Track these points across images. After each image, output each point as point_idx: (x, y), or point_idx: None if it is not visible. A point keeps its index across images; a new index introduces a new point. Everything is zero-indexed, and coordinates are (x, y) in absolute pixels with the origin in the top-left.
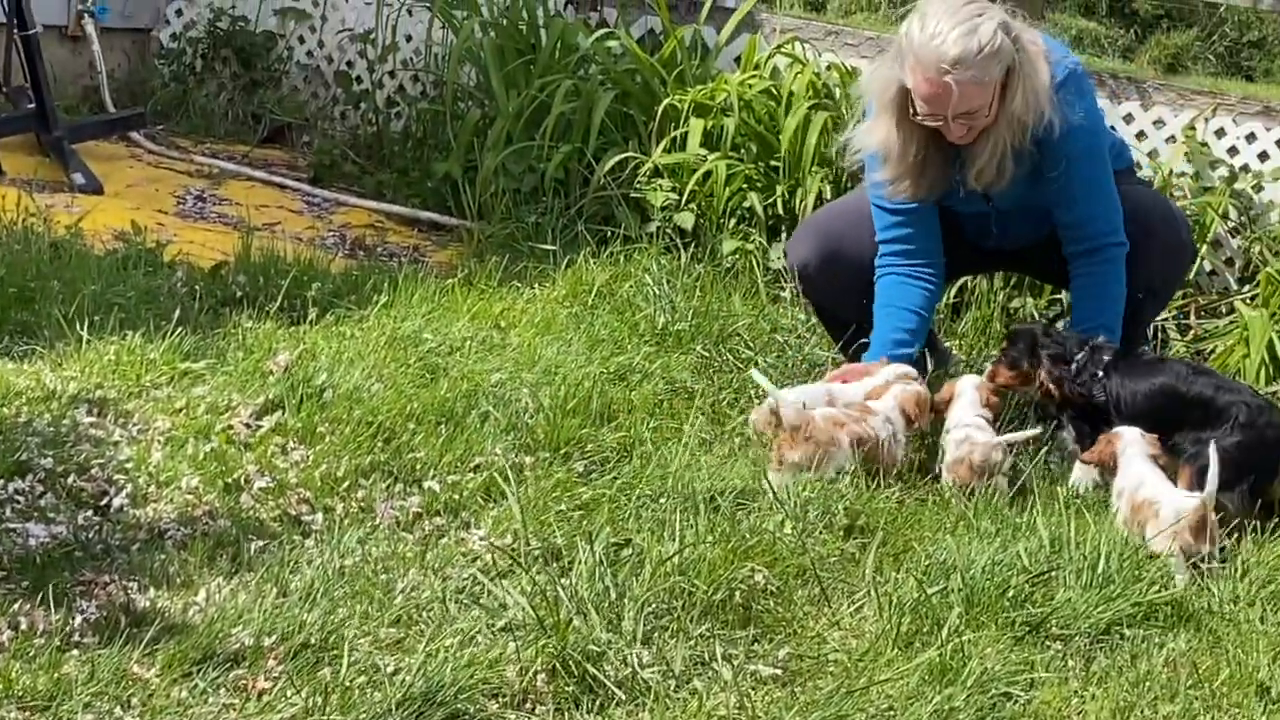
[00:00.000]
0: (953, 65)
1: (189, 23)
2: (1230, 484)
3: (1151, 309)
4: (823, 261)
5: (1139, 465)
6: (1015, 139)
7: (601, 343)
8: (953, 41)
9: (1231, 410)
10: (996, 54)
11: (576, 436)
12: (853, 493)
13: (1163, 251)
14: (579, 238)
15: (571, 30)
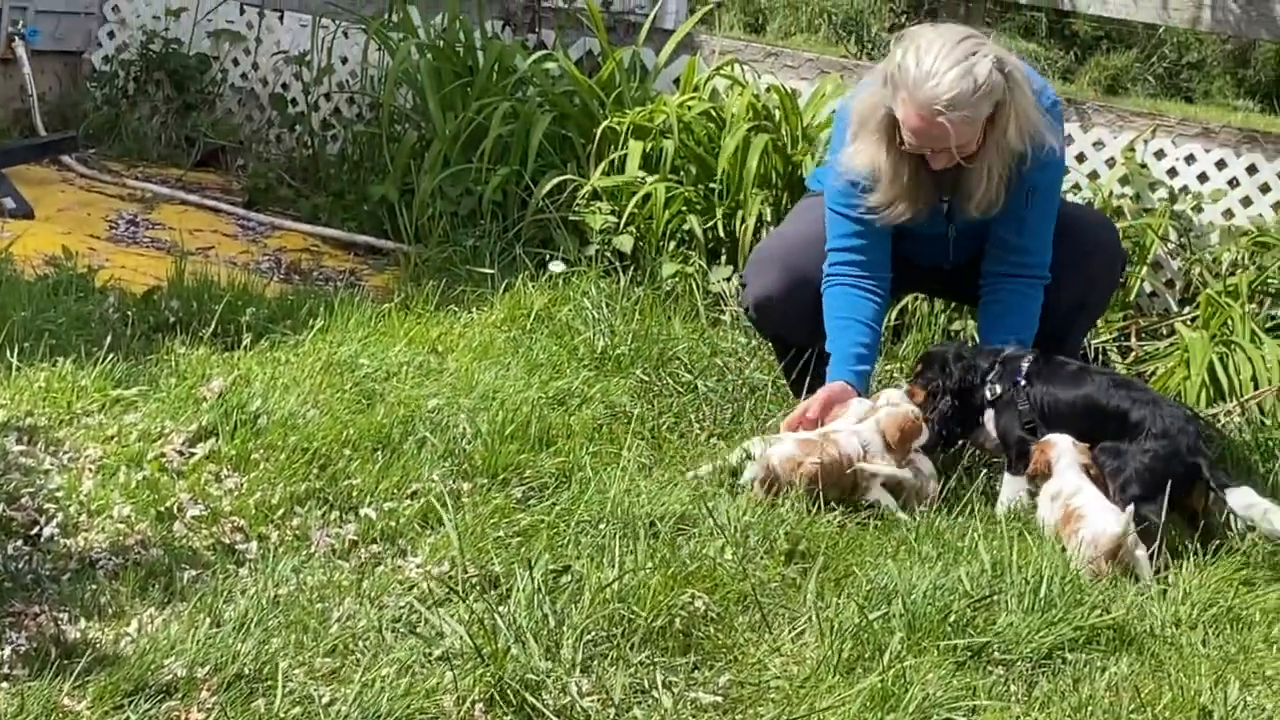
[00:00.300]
0: (947, 107)
1: (121, 45)
2: (1149, 496)
3: (1088, 320)
4: (787, 293)
5: (1073, 474)
6: (1007, 167)
7: (540, 367)
8: (949, 84)
9: (1146, 422)
10: (989, 93)
11: (515, 462)
12: (794, 517)
13: (1102, 260)
14: (517, 261)
15: (509, 52)
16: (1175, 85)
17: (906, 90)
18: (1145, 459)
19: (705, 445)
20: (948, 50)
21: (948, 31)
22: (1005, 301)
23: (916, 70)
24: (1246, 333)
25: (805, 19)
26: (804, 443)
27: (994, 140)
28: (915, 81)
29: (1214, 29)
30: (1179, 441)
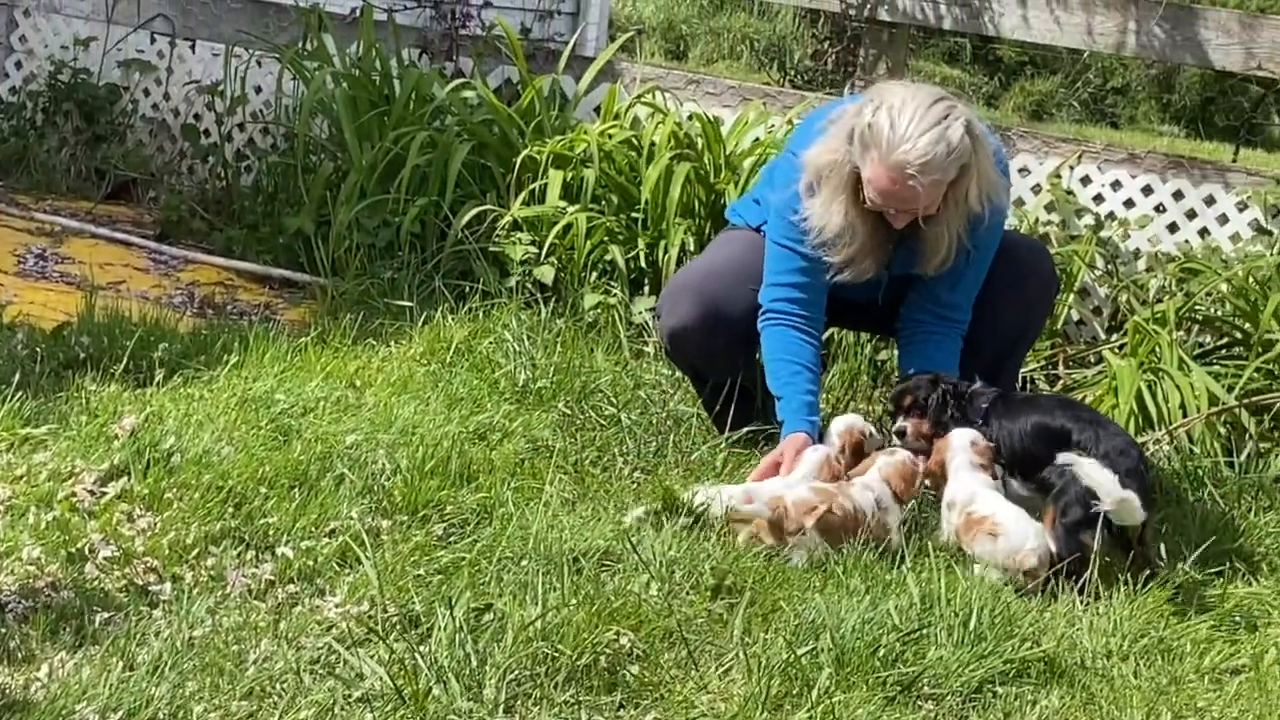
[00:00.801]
0: (920, 171)
1: (29, 75)
2: (1087, 521)
3: (1027, 345)
4: (703, 324)
5: (967, 476)
6: (965, 226)
7: (460, 401)
8: (924, 148)
9: (1085, 445)
10: (959, 156)
11: (435, 498)
12: (720, 552)
13: (1038, 285)
14: (436, 293)
15: (426, 80)
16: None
17: (878, 151)
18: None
19: (629, 479)
20: (922, 113)
21: (919, 92)
22: (928, 347)
23: (890, 132)
24: (1174, 360)
25: (727, 45)
26: (819, 490)
27: (954, 200)
28: (889, 143)
29: (1139, 54)
30: (1119, 465)
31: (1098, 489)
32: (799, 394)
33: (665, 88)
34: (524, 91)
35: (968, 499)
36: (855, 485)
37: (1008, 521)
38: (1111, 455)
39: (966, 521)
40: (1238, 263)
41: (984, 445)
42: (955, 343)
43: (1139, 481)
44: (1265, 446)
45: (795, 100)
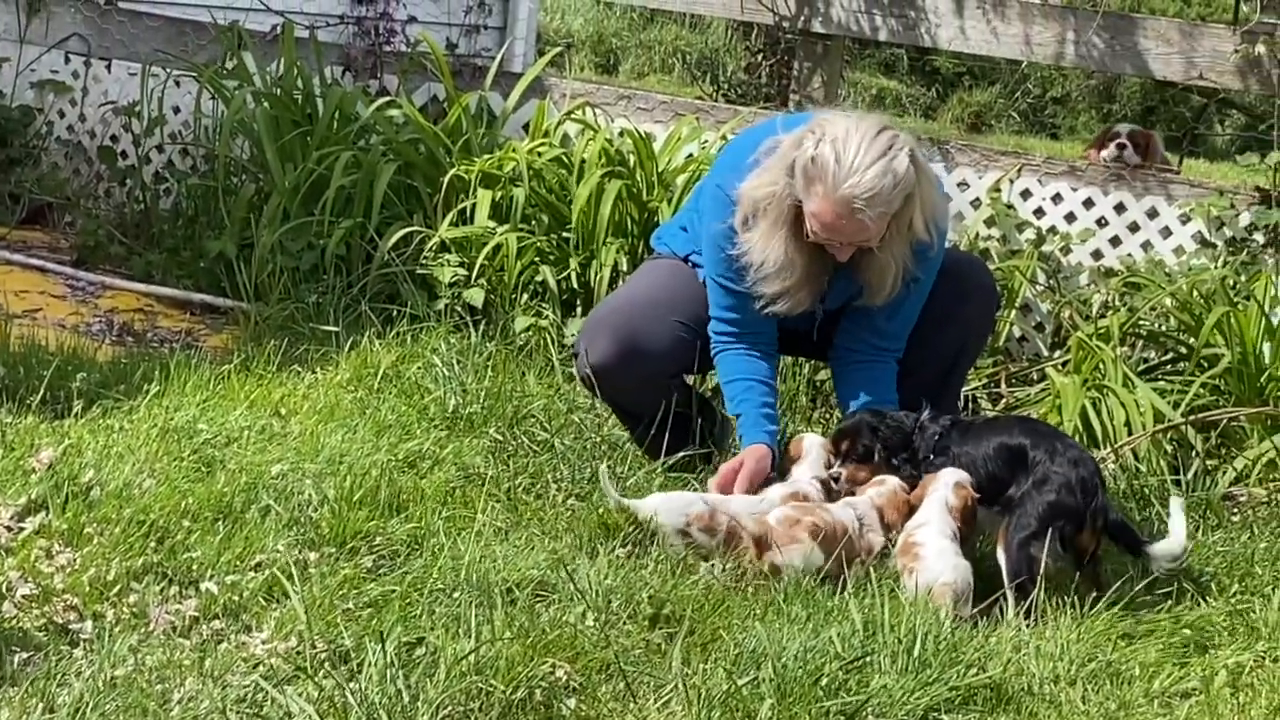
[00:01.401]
0: (867, 204)
1: None
2: (1038, 535)
3: (969, 363)
4: (621, 360)
5: (931, 508)
6: (910, 255)
7: (389, 428)
8: (871, 181)
9: (1039, 459)
10: (904, 186)
11: (364, 529)
12: (657, 580)
13: (979, 301)
14: (363, 318)
15: (350, 99)
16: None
17: (824, 185)
18: (1040, 496)
19: (563, 507)
20: (867, 144)
21: (863, 123)
22: (864, 376)
23: (836, 166)
24: (1119, 377)
25: (659, 59)
26: (800, 506)
27: (898, 230)
28: (835, 177)
29: (1078, 64)
30: (1070, 478)
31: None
32: (754, 407)
33: (595, 103)
34: (450, 109)
35: (914, 525)
36: (839, 504)
37: (928, 556)
38: (1064, 472)
39: (903, 545)
40: (1181, 276)
41: (967, 492)
42: (891, 370)
43: (1092, 495)
44: (1212, 464)
45: (729, 115)
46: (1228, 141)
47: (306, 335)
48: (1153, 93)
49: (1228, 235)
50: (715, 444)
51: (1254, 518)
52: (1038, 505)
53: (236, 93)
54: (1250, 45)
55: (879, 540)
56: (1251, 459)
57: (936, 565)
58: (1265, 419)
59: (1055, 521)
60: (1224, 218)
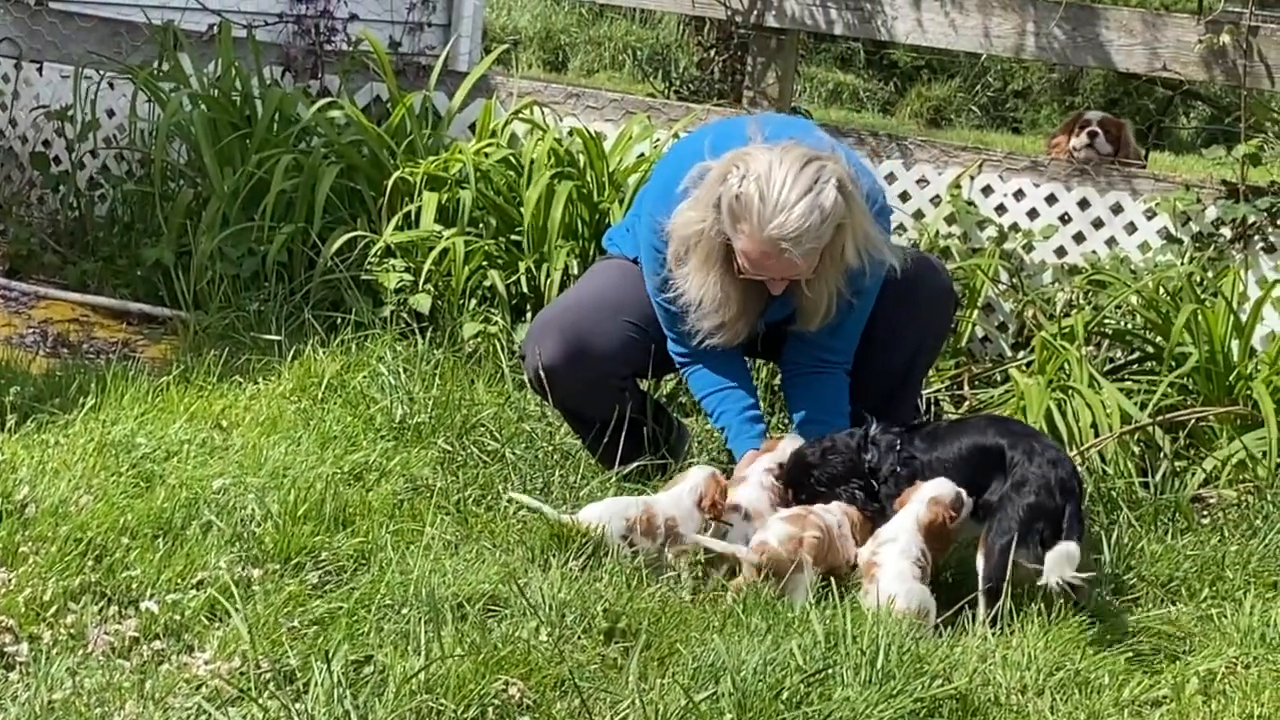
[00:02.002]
0: (793, 243)
1: None
2: (1020, 540)
3: (925, 365)
4: (570, 362)
5: (902, 523)
6: (844, 281)
7: (334, 440)
8: (798, 218)
9: (1016, 460)
10: (833, 218)
11: (309, 545)
12: (612, 593)
13: (933, 302)
14: (306, 326)
15: (290, 100)
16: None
17: (749, 224)
18: (1020, 499)
19: (515, 519)
20: (792, 179)
21: (788, 156)
22: (812, 388)
23: (761, 205)
24: (1084, 377)
25: (609, 55)
26: (792, 518)
27: (831, 259)
28: (760, 217)
29: (1038, 56)
30: (1049, 478)
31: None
32: (736, 415)
33: (544, 102)
34: (394, 110)
35: (883, 538)
36: (818, 507)
37: (884, 578)
38: (1045, 466)
39: (865, 562)
40: (1147, 273)
41: (940, 509)
42: (839, 380)
43: (1070, 496)
44: (1180, 465)
45: (681, 112)
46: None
47: (248, 345)
48: (1116, 85)
49: (1194, 231)
50: (671, 452)
51: (1224, 520)
52: (1018, 508)
53: (173, 95)
54: (1215, 35)
55: (853, 550)
56: (1221, 460)
57: (891, 587)
58: (1234, 419)
59: (1032, 525)
60: (1190, 213)
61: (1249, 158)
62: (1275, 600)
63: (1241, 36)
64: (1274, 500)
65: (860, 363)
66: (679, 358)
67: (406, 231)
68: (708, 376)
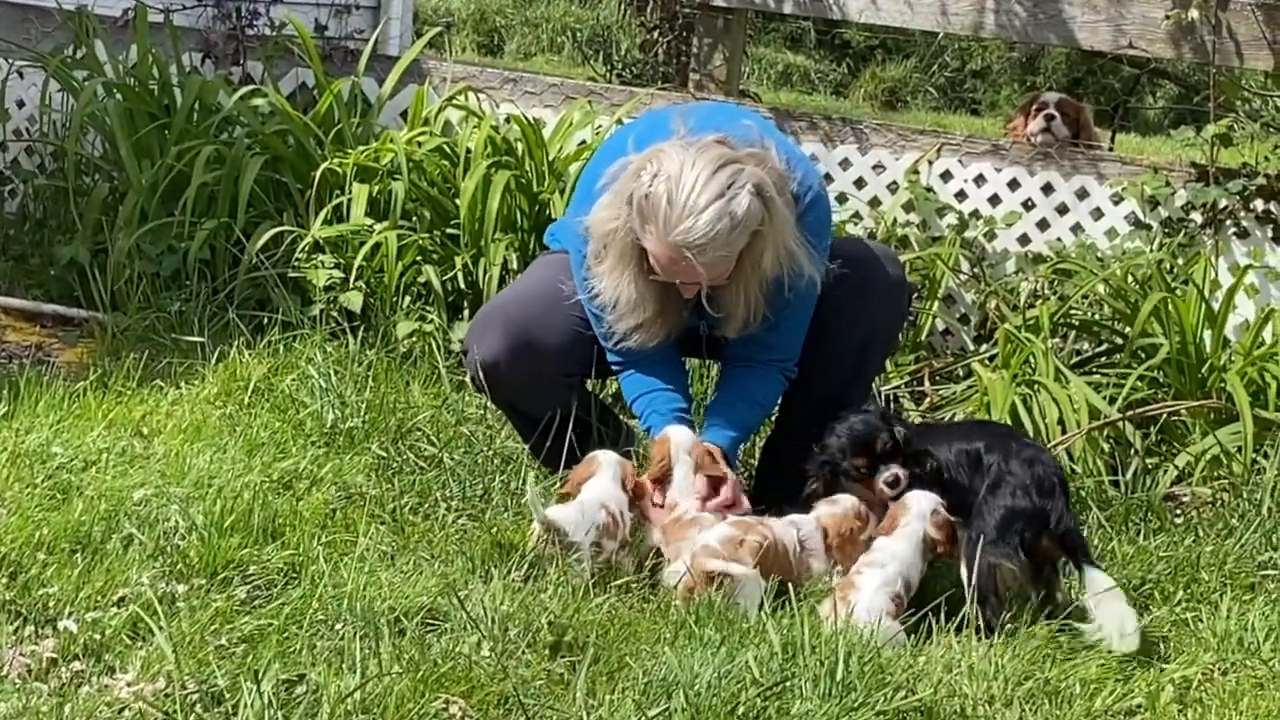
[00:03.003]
0: (699, 251)
1: None
2: (998, 542)
3: (876, 360)
4: (514, 356)
5: (896, 546)
6: (765, 288)
7: (261, 447)
8: (706, 224)
9: (994, 462)
10: (745, 227)
11: (236, 558)
12: (557, 604)
13: (884, 294)
14: (230, 326)
15: (210, 88)
16: (959, 97)
17: (656, 226)
18: (995, 500)
19: (454, 527)
20: (704, 182)
21: (703, 157)
22: (739, 379)
23: (669, 208)
24: (1050, 371)
25: (546, 38)
26: (738, 523)
27: (750, 264)
28: (666, 221)
29: (998, 34)
30: (1031, 474)
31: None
32: (661, 415)
33: (479, 87)
34: (321, 97)
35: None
36: (782, 520)
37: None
38: (1022, 465)
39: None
40: (1115, 261)
41: (943, 518)
42: (771, 376)
43: (1050, 494)
44: (1152, 462)
45: (624, 97)
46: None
47: (169, 347)
48: (1079, 64)
49: (1163, 216)
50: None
51: (1198, 519)
52: (997, 507)
53: (86, 84)
54: (1183, 10)
55: (819, 565)
56: (1194, 456)
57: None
58: (1207, 412)
59: (1012, 529)
60: (1159, 197)
61: (1219, 138)
62: (1253, 603)
63: (1210, 11)
64: (1250, 498)
65: (810, 354)
66: (614, 362)
67: (336, 226)
68: (639, 380)
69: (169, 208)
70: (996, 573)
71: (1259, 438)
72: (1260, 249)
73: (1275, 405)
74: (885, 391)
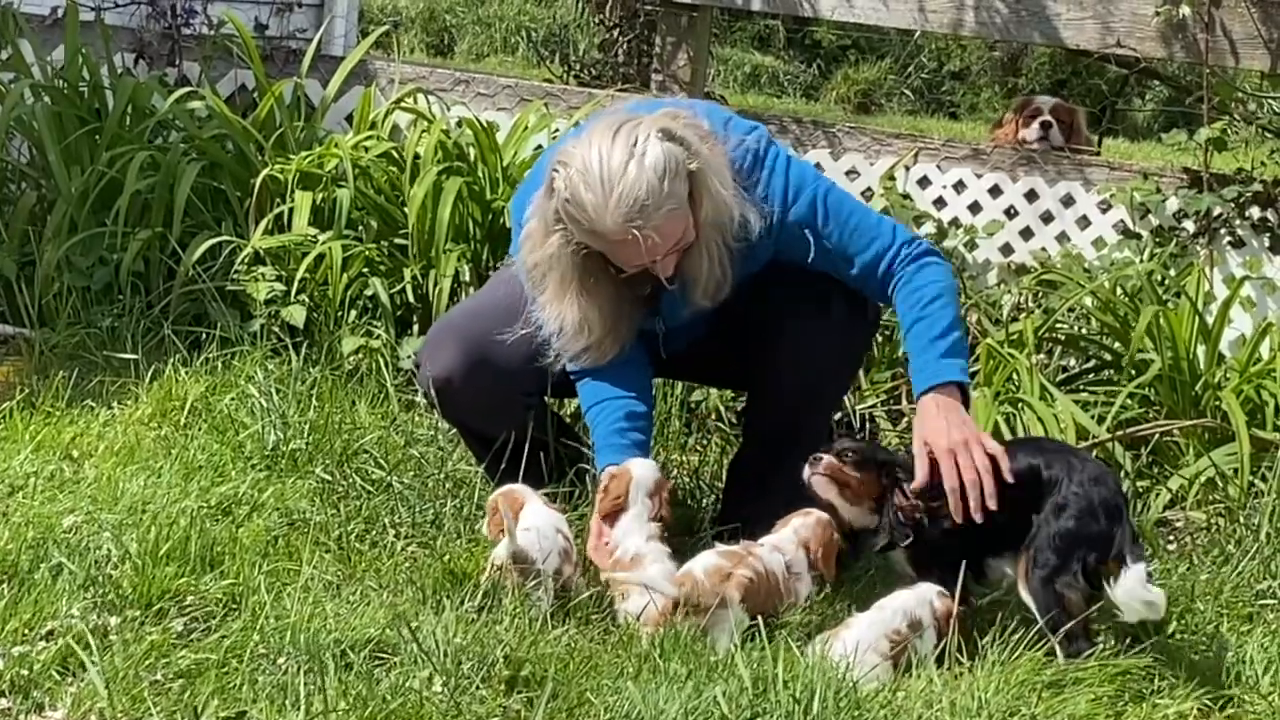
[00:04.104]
0: (642, 216)
1: None
2: (1061, 569)
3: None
4: (469, 372)
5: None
6: (725, 239)
7: (199, 470)
8: (629, 190)
9: (1060, 481)
10: (676, 173)
11: (173, 588)
12: (514, 637)
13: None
14: (166, 343)
15: (144, 90)
16: (936, 99)
17: (590, 223)
18: (1058, 524)
19: (403, 555)
20: (608, 152)
21: (595, 134)
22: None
23: (592, 195)
24: (1035, 389)
25: (500, 37)
26: (727, 554)
27: (705, 219)
28: (596, 210)
29: (979, 32)
30: (1093, 495)
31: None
32: (607, 425)
33: (429, 89)
34: (262, 100)
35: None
36: (764, 546)
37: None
38: (1085, 485)
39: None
40: (1103, 272)
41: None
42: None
43: (1115, 517)
44: (1143, 485)
45: (582, 99)
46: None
47: (100, 365)
48: (1064, 64)
49: (1154, 224)
50: (578, 477)
51: (1193, 546)
52: (1057, 533)
53: (12, 86)
54: (1174, 6)
55: (805, 588)
56: (1188, 478)
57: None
58: (1202, 433)
59: (1074, 554)
60: (1149, 204)
61: (1213, 142)
62: (1251, 635)
63: (1203, 8)
64: (1247, 523)
65: (761, 383)
66: (573, 374)
67: (277, 236)
68: (594, 386)
69: (100, 217)
70: (1063, 604)
71: (1256, 459)
72: (1257, 259)
73: (1273, 424)
74: (860, 411)
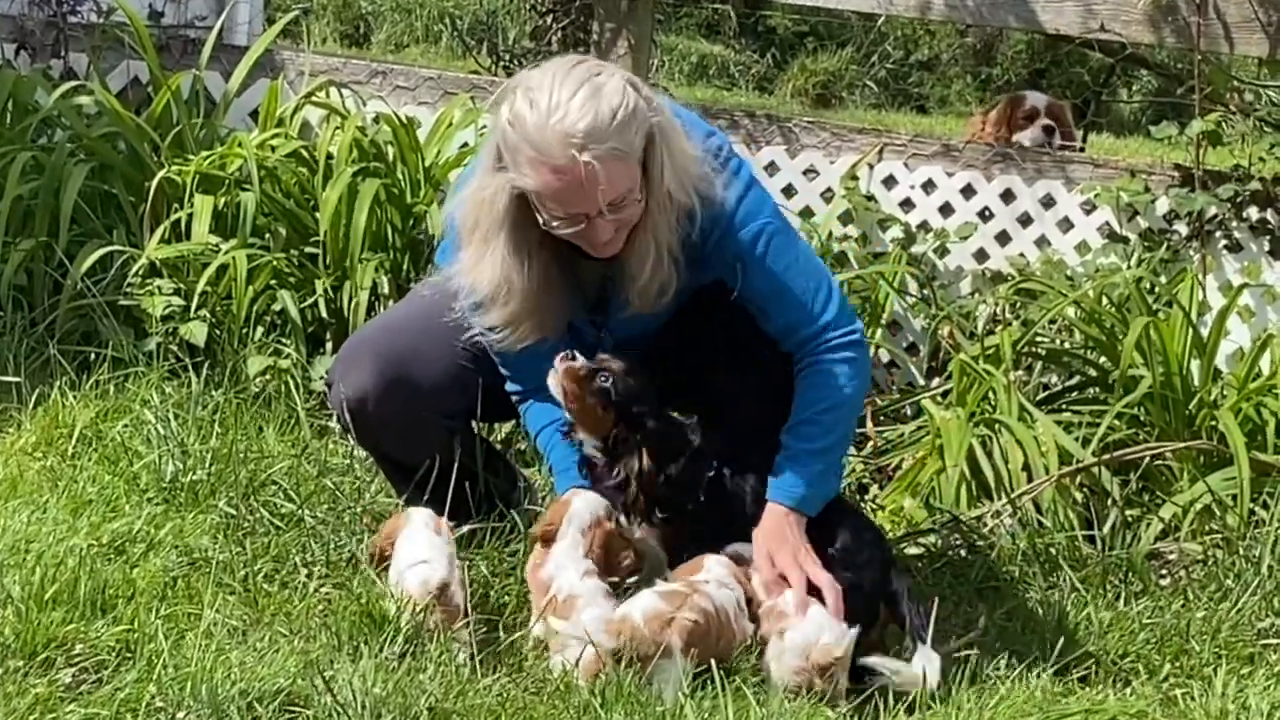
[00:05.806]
0: (586, 138)
1: None
2: None
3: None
4: (385, 393)
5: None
6: (675, 229)
7: (89, 505)
8: (578, 109)
9: None
10: (633, 115)
11: (59, 635)
12: (439, 686)
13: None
14: (51, 364)
15: (26, 85)
16: (903, 91)
17: (530, 144)
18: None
19: (316, 595)
20: (563, 77)
21: (555, 63)
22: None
23: (534, 113)
24: (1014, 408)
25: (421, 26)
26: (669, 595)
27: (656, 197)
28: (537, 126)
29: (948, 16)
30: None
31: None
32: (564, 449)
33: (343, 82)
34: (157, 94)
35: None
36: (712, 583)
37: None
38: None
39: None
40: (1087, 280)
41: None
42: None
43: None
44: (1133, 514)
45: None
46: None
47: None
48: (1043, 52)
49: (1142, 226)
50: (512, 508)
51: (1187, 580)
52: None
53: None
54: None
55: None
56: (1182, 506)
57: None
58: (1197, 455)
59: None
60: (1137, 205)
61: (1207, 136)
62: (1251, 677)
63: None
64: (1247, 554)
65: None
66: (513, 392)
67: (175, 245)
68: (543, 411)
69: None
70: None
71: (1256, 484)
72: (1256, 265)
73: (1274, 446)
74: None
